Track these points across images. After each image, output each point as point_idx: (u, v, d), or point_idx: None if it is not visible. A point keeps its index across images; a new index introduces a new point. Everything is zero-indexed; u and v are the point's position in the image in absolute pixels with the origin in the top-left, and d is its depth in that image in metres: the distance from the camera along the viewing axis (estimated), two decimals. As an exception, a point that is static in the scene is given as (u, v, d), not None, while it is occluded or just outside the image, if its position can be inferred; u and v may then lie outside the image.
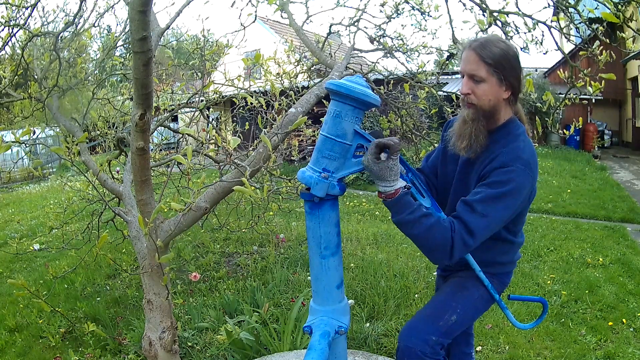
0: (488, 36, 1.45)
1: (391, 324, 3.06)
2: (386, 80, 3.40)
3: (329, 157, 1.24)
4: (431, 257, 1.39)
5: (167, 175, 2.45)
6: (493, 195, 1.31)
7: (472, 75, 1.37)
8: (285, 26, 11.83)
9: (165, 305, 2.22)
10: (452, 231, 1.29)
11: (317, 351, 1.20)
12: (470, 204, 1.32)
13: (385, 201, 1.31)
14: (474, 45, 1.37)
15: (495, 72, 1.34)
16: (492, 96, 1.38)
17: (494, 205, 1.31)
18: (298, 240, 5.09)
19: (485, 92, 1.37)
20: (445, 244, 1.29)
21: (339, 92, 1.21)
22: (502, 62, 1.34)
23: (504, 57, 1.35)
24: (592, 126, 13.00)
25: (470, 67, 1.36)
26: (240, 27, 2.75)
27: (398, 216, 1.31)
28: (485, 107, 1.39)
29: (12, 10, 2.63)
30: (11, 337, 3.32)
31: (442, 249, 1.30)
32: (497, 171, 1.34)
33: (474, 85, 1.37)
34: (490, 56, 1.33)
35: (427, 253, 1.37)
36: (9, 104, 3.29)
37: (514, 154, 1.35)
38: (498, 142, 1.41)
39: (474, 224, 1.30)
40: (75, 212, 4.51)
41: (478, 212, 1.30)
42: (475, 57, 1.35)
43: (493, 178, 1.34)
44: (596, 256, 4.43)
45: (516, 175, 1.32)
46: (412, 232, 1.32)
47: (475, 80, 1.37)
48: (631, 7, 4.80)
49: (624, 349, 2.78)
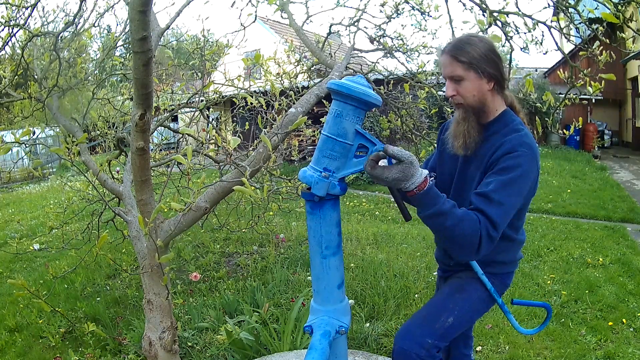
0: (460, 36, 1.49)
1: (391, 324, 3.06)
2: (386, 80, 3.40)
3: (329, 156, 1.25)
4: (461, 252, 1.31)
5: (167, 175, 2.45)
6: (505, 181, 1.31)
7: (451, 77, 1.42)
8: (285, 26, 11.83)
9: (165, 305, 2.22)
10: (479, 223, 1.25)
11: (318, 351, 1.20)
12: (486, 194, 1.30)
13: (414, 197, 1.23)
14: (447, 49, 1.42)
15: (471, 67, 1.38)
16: (475, 91, 1.41)
17: (507, 191, 1.30)
18: (298, 240, 5.09)
19: (467, 89, 1.41)
20: (474, 237, 1.24)
21: (341, 92, 1.21)
22: (475, 56, 1.38)
23: (476, 51, 1.38)
24: (592, 126, 13.01)
25: (448, 69, 1.42)
26: (240, 27, 2.75)
27: (431, 208, 1.24)
28: (472, 102, 1.42)
29: (12, 10, 2.62)
30: (11, 337, 3.32)
31: (470, 243, 1.25)
32: (504, 157, 1.35)
33: (456, 86, 1.42)
34: (462, 54, 1.38)
35: (457, 248, 1.30)
36: (9, 104, 3.29)
37: (518, 140, 1.37)
38: (497, 133, 1.43)
39: (495, 215, 1.27)
40: (75, 212, 4.52)
41: (495, 201, 1.28)
42: (449, 59, 1.40)
43: (501, 164, 1.34)
44: (596, 256, 4.43)
45: (523, 159, 1.33)
46: (445, 224, 1.24)
47: (455, 81, 1.41)
48: (631, 7, 4.80)
49: (624, 349, 2.78)
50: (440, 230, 1.28)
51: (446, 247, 1.34)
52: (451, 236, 1.26)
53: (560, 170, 9.43)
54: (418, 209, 1.29)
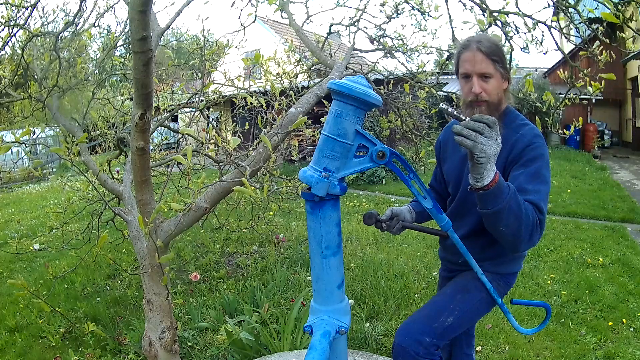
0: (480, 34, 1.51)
1: (391, 324, 3.06)
2: (386, 80, 3.40)
3: (330, 156, 1.25)
4: (526, 242, 1.26)
5: (167, 175, 2.45)
6: (533, 172, 1.36)
7: (482, 74, 1.43)
8: (285, 26, 11.82)
9: (165, 305, 2.22)
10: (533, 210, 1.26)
11: (318, 351, 1.20)
12: (520, 187, 1.30)
13: (487, 191, 1.19)
14: (478, 45, 1.43)
15: (499, 67, 1.43)
16: (499, 89, 1.47)
17: (538, 181, 1.35)
18: (298, 240, 5.09)
19: (494, 87, 1.45)
20: (535, 224, 1.25)
21: (341, 92, 1.21)
22: (501, 55, 1.43)
23: (500, 50, 1.44)
24: (592, 126, 13.00)
25: (480, 66, 1.43)
26: (240, 27, 2.75)
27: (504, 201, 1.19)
28: (495, 100, 1.46)
29: (12, 10, 2.62)
30: (11, 337, 3.32)
31: (534, 230, 1.24)
32: (525, 151, 1.40)
33: (484, 84, 1.44)
34: (495, 53, 1.42)
35: (525, 237, 1.25)
36: (9, 104, 3.28)
37: (532, 132, 1.43)
38: (507, 127, 1.47)
39: (537, 200, 1.29)
40: (75, 212, 4.51)
41: (531, 190, 1.31)
42: (482, 57, 1.42)
43: (525, 157, 1.39)
44: (596, 256, 4.43)
45: (542, 149, 1.40)
46: (518, 212, 1.21)
47: (484, 78, 1.44)
48: (631, 7, 4.80)
49: (624, 349, 2.78)
50: (508, 222, 1.23)
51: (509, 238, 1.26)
52: (520, 223, 1.23)
53: (560, 170, 9.42)
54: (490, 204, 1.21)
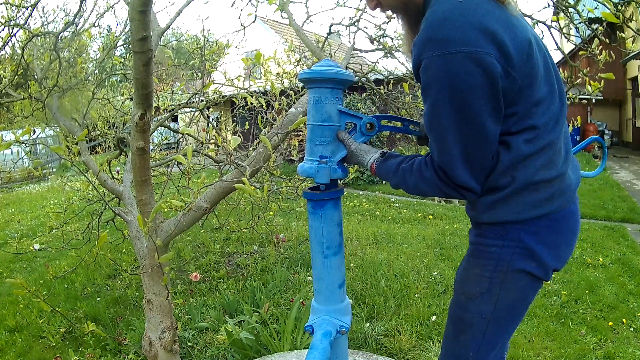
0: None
1: (391, 324, 3.06)
2: (386, 80, 3.40)
3: (321, 143, 1.26)
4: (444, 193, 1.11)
5: (167, 175, 2.45)
6: (429, 116, 1.21)
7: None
8: (285, 26, 11.81)
9: (165, 305, 2.22)
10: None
11: (319, 350, 1.20)
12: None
13: (375, 174, 1.27)
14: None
15: None
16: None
17: (433, 127, 1.20)
18: (298, 240, 5.09)
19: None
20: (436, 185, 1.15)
21: (314, 79, 1.23)
22: None
23: None
24: (592, 126, 13.02)
25: None
26: (240, 27, 2.75)
27: (393, 180, 1.20)
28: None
29: (12, 10, 2.62)
30: (11, 337, 3.32)
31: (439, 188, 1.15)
32: (419, 75, 1.20)
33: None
34: None
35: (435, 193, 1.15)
36: (9, 104, 3.28)
37: (424, 37, 1.12)
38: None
39: (438, 162, 1.18)
40: (75, 212, 4.52)
41: (433, 147, 1.21)
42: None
43: (421, 87, 1.26)
44: (596, 256, 4.43)
45: (433, 69, 1.08)
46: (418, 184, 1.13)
47: None
48: (631, 7, 4.81)
49: (624, 349, 2.78)
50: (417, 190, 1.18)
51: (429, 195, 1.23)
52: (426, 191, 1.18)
53: (560, 170, 9.42)
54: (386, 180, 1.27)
